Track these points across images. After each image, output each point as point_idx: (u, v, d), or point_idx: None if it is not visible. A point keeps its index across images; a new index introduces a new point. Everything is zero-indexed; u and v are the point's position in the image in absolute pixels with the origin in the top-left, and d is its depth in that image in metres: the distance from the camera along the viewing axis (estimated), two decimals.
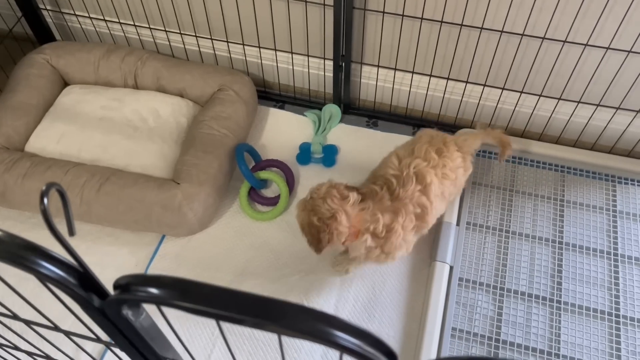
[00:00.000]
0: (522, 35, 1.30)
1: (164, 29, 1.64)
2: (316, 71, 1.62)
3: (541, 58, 1.36)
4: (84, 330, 0.57)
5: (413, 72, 1.51)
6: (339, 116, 1.63)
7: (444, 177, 1.16)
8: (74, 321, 0.55)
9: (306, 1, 1.40)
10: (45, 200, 0.34)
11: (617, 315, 1.25)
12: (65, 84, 1.63)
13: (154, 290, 0.38)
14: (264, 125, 1.63)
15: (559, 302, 1.27)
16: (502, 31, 1.31)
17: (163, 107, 1.52)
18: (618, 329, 1.23)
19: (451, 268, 1.31)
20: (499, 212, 1.41)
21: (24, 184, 1.32)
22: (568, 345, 1.21)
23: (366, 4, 1.37)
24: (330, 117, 1.62)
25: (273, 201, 1.44)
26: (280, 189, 1.43)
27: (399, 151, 1.20)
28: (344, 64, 1.51)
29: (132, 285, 0.39)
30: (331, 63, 1.53)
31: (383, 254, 1.13)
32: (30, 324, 0.59)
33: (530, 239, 1.37)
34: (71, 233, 0.37)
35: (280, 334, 0.38)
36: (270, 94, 1.72)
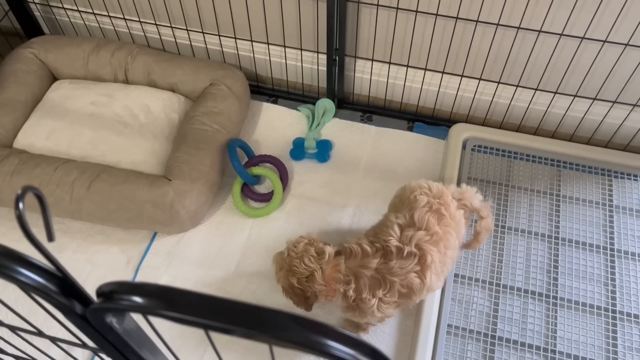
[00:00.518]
0: (518, 28, 1.29)
1: (154, 22, 1.61)
2: (309, 65, 1.60)
3: (537, 51, 1.34)
4: (70, 336, 0.55)
5: (408, 66, 1.50)
6: (332, 111, 1.61)
7: (447, 248, 1.05)
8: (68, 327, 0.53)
9: None
10: (21, 205, 0.32)
11: (614, 310, 1.24)
12: (54, 79, 1.60)
13: (138, 299, 0.36)
14: (256, 121, 1.61)
15: (555, 298, 1.26)
16: (498, 24, 1.29)
17: (154, 103, 1.50)
18: (614, 324, 1.22)
19: None
20: (494, 208, 1.40)
21: (12, 181, 1.30)
22: (564, 341, 1.20)
23: None
24: (324, 112, 1.60)
25: (266, 197, 1.43)
26: (274, 185, 1.42)
27: (398, 217, 1.07)
28: (337, 57, 1.49)
29: (116, 294, 0.37)
30: (325, 57, 1.50)
31: (364, 317, 1.06)
32: (15, 330, 0.57)
33: (526, 234, 1.36)
34: (50, 238, 0.35)
35: (271, 344, 0.36)
36: (263, 89, 1.69)
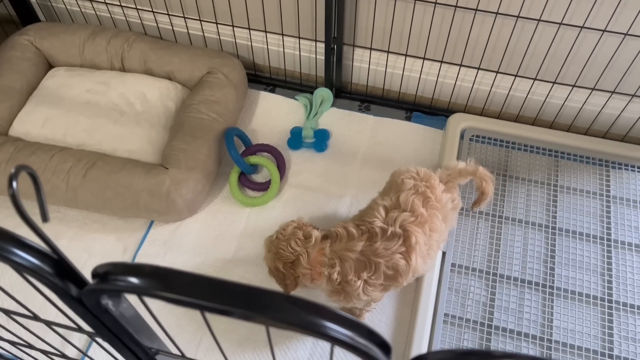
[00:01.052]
0: (518, 17, 1.28)
1: (151, 9, 1.60)
2: (307, 54, 1.59)
3: (536, 41, 1.34)
4: (67, 320, 0.54)
5: (406, 55, 1.49)
6: (330, 100, 1.60)
7: (432, 231, 1.04)
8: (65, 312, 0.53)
9: None
10: (15, 184, 0.32)
11: (610, 300, 1.24)
12: (50, 66, 1.58)
13: (133, 279, 0.35)
14: (254, 110, 1.60)
15: (551, 288, 1.26)
16: (497, 13, 1.29)
17: (150, 91, 1.49)
18: (610, 314, 1.22)
19: (444, 254, 1.30)
20: (492, 198, 1.40)
21: (8, 169, 1.29)
22: (560, 330, 1.21)
23: None
24: (321, 101, 1.59)
25: (264, 186, 1.42)
26: (271, 174, 1.41)
27: (385, 199, 1.08)
28: (335, 46, 1.48)
29: (111, 275, 0.37)
30: (323, 45, 1.49)
31: (350, 301, 1.05)
32: (10, 314, 0.57)
33: (523, 224, 1.36)
34: (44, 219, 0.35)
35: (268, 326, 0.36)
36: (260, 78, 1.69)
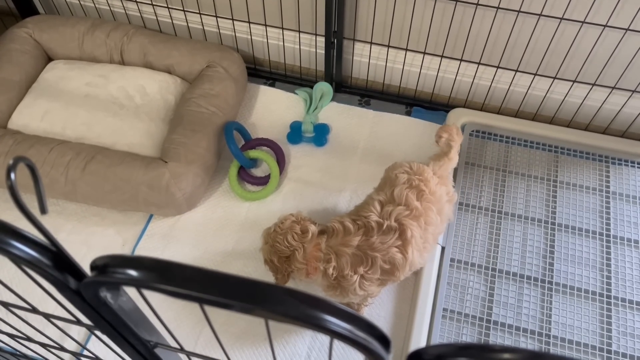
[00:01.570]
0: (519, 12, 1.28)
1: (150, 2, 1.59)
2: (307, 48, 1.58)
3: (537, 36, 1.33)
4: (66, 313, 0.54)
5: (406, 50, 1.48)
6: (330, 94, 1.60)
7: (427, 224, 1.04)
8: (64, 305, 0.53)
9: None
10: (13, 175, 0.32)
11: (609, 296, 1.24)
12: (49, 59, 1.58)
13: (132, 272, 0.35)
14: (253, 104, 1.60)
15: (550, 283, 1.26)
16: (498, 7, 1.28)
17: (150, 84, 1.48)
18: (609, 309, 1.22)
19: (443, 249, 1.30)
20: (491, 193, 1.40)
21: (6, 162, 1.28)
22: (559, 325, 1.21)
23: None
24: (321, 96, 1.59)
25: (263, 181, 1.42)
26: (271, 168, 1.41)
27: (379, 194, 1.08)
28: (335, 40, 1.48)
29: (110, 267, 0.37)
30: (323, 39, 1.49)
31: (346, 296, 1.05)
32: (9, 307, 0.57)
33: (522, 219, 1.36)
34: (43, 211, 0.35)
35: (267, 319, 0.36)
36: (260, 71, 1.68)
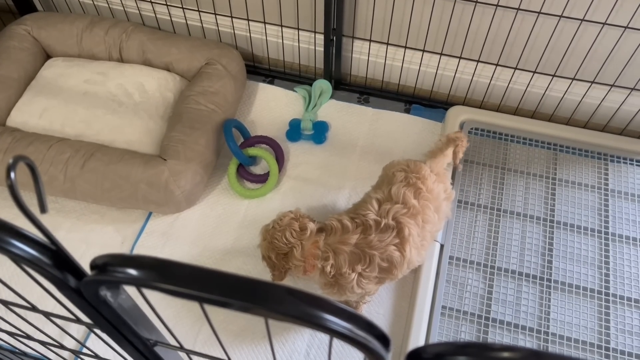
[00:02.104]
0: (518, 9, 1.27)
1: (149, 0, 1.59)
2: (306, 45, 1.58)
3: (536, 34, 1.33)
4: (65, 311, 0.54)
5: (406, 47, 1.48)
6: (329, 92, 1.59)
7: (425, 222, 1.04)
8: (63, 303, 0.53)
9: None
10: (12, 174, 0.32)
11: (607, 293, 1.25)
12: (48, 56, 1.57)
13: (132, 271, 0.35)
14: (252, 101, 1.60)
15: (549, 281, 1.26)
16: (497, 5, 1.28)
17: (149, 82, 1.48)
18: (607, 307, 1.23)
19: (442, 246, 1.30)
20: (490, 190, 1.40)
21: (5, 160, 1.28)
22: (557, 323, 1.21)
23: None
24: (320, 93, 1.59)
25: (262, 178, 1.42)
26: (270, 166, 1.41)
27: (377, 192, 1.08)
28: (335, 38, 1.47)
29: (110, 266, 0.37)
30: (322, 37, 1.49)
31: (344, 294, 1.04)
32: (8, 305, 0.57)
33: (521, 217, 1.36)
34: (43, 210, 0.35)
35: (267, 318, 0.36)
36: (259, 69, 1.68)
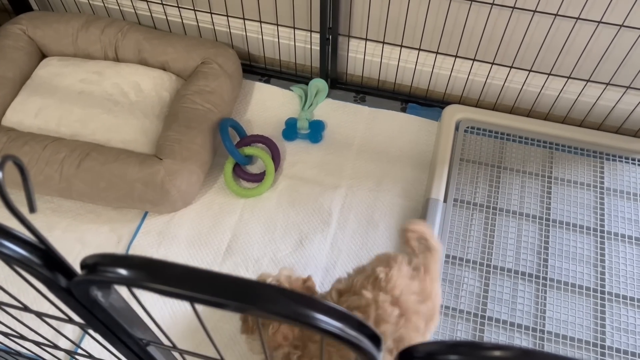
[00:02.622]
0: (513, 8, 1.28)
1: None
2: (303, 44, 1.58)
3: (532, 32, 1.33)
4: (58, 312, 0.54)
5: (401, 46, 1.48)
6: (325, 91, 1.59)
7: (380, 321, 0.85)
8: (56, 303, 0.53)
9: None
10: (0, 174, 0.32)
11: (603, 292, 1.25)
12: (43, 55, 1.57)
13: (122, 271, 0.35)
14: (249, 100, 1.60)
15: (545, 279, 1.27)
16: (493, 4, 1.28)
17: (145, 81, 1.48)
18: (603, 305, 1.23)
19: None
20: (486, 189, 1.40)
21: None
22: (553, 321, 1.21)
23: None
24: (317, 92, 1.59)
25: (258, 177, 1.42)
26: (266, 165, 1.41)
27: (341, 282, 0.95)
28: (331, 37, 1.47)
29: (100, 266, 0.36)
30: (318, 36, 1.49)
31: None
32: (1, 305, 0.57)
33: (517, 215, 1.36)
34: (32, 209, 0.35)
35: (258, 317, 0.36)
36: (255, 68, 1.68)
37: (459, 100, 1.58)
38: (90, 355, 0.71)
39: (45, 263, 0.38)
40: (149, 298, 1.23)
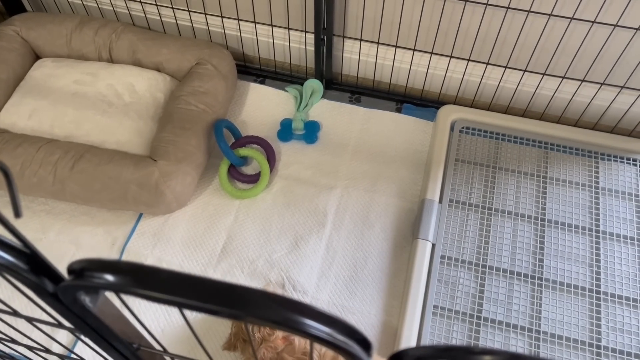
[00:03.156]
0: (507, 8, 1.27)
1: (139, 0, 1.58)
2: (297, 45, 1.57)
3: (526, 32, 1.33)
4: (48, 316, 0.54)
5: (396, 47, 1.48)
6: (320, 92, 1.59)
7: None
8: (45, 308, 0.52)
9: None
10: None
11: (598, 291, 1.25)
12: (37, 57, 1.56)
13: (109, 276, 0.35)
14: (243, 101, 1.59)
15: (540, 279, 1.27)
16: (487, 4, 1.28)
17: (139, 82, 1.47)
18: (599, 305, 1.23)
19: (433, 246, 1.30)
20: (481, 189, 1.40)
21: None
22: (549, 321, 1.21)
23: None
24: (312, 93, 1.58)
25: (253, 179, 1.41)
26: (261, 166, 1.40)
27: None
28: (325, 37, 1.47)
29: (87, 271, 0.36)
30: (313, 36, 1.48)
31: None
32: None
33: (512, 216, 1.36)
34: (17, 214, 0.34)
35: (246, 322, 0.35)
36: (250, 69, 1.67)
37: (454, 101, 1.58)
38: (82, 359, 0.71)
39: (31, 268, 0.37)
40: (143, 302, 1.23)
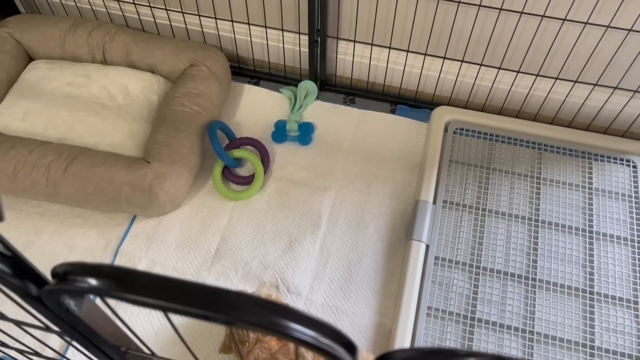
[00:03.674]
0: (500, 9, 1.28)
1: (132, 1, 1.57)
2: (291, 46, 1.57)
3: (519, 33, 1.33)
4: (35, 320, 0.54)
5: (390, 48, 1.48)
6: (315, 93, 1.59)
7: None
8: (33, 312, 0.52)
9: None
10: None
11: (592, 292, 1.25)
12: (30, 59, 1.56)
13: (92, 280, 0.35)
14: (238, 102, 1.59)
15: (534, 280, 1.27)
16: (480, 5, 1.28)
17: (133, 84, 1.47)
18: (592, 305, 1.23)
19: (427, 247, 1.30)
20: (475, 190, 1.40)
21: None
22: (542, 322, 1.21)
23: None
24: (306, 94, 1.58)
25: (248, 180, 1.41)
26: (255, 167, 1.40)
27: None
28: (319, 39, 1.47)
29: (70, 275, 0.36)
30: (306, 38, 1.48)
31: None
32: None
33: (506, 217, 1.36)
34: (0, 218, 0.34)
35: (231, 326, 0.35)
36: (244, 70, 1.67)
37: (448, 102, 1.58)
38: None
39: (15, 272, 0.37)
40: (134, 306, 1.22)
